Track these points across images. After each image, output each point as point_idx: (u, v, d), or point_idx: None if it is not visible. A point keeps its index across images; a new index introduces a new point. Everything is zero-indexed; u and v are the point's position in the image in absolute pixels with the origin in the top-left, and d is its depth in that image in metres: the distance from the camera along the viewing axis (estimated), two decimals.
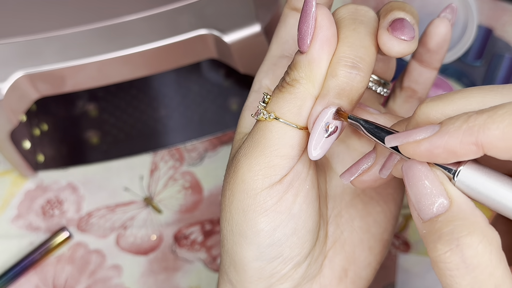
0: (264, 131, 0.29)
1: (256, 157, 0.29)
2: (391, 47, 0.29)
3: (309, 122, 0.29)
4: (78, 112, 0.56)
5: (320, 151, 0.28)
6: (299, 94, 0.29)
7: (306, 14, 0.28)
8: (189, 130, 0.55)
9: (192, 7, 0.43)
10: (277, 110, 0.29)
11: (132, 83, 0.56)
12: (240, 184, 0.30)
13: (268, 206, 0.30)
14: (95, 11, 0.43)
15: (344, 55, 0.28)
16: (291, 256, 0.31)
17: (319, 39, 0.28)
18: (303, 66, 0.29)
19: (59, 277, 0.51)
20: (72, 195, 0.54)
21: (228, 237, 0.31)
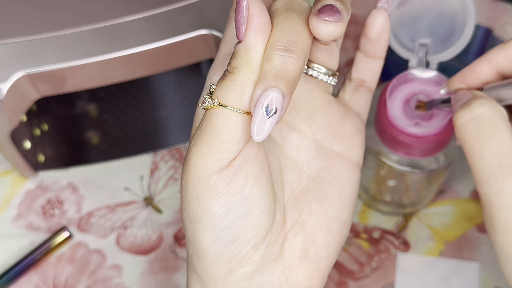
0: (210, 118, 0.31)
1: (205, 144, 0.31)
2: (319, 30, 0.31)
3: (251, 106, 0.30)
4: (79, 112, 0.56)
5: (263, 133, 0.30)
6: (239, 80, 0.30)
7: (239, 5, 0.30)
8: (189, 130, 0.55)
9: (192, 8, 0.43)
10: (220, 97, 0.31)
11: (133, 83, 0.56)
12: (192, 171, 0.31)
13: (219, 189, 0.31)
14: (96, 12, 0.43)
15: (277, 39, 0.30)
16: (247, 237, 0.32)
17: (253, 27, 0.30)
18: (241, 54, 0.30)
19: (60, 276, 0.51)
20: (73, 195, 0.54)
21: (187, 226, 0.33)
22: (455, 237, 0.51)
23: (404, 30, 0.43)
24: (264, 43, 0.30)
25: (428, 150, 0.43)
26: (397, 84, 0.42)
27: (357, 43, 0.59)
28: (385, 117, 0.42)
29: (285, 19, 0.31)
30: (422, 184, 0.47)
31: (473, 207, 0.52)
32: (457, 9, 0.42)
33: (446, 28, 0.43)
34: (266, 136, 0.30)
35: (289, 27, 0.31)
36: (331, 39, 0.31)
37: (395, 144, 0.42)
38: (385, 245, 0.51)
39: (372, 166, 0.47)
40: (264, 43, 0.30)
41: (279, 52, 0.30)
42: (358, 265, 0.51)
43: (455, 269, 0.50)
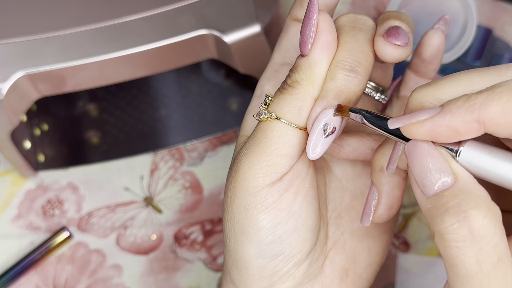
0: (265, 131, 0.30)
1: (257, 156, 0.30)
2: (386, 53, 0.30)
3: (308, 122, 0.30)
4: (79, 112, 0.56)
5: (318, 151, 0.30)
6: (299, 95, 0.30)
7: (309, 19, 0.29)
8: (189, 130, 0.55)
9: (192, 8, 0.43)
10: (278, 111, 0.30)
11: (133, 83, 0.56)
12: (241, 182, 0.31)
13: (269, 204, 0.31)
14: (96, 11, 0.43)
15: (343, 59, 0.30)
16: (292, 254, 0.32)
17: (320, 43, 0.30)
18: (304, 68, 0.30)
19: (60, 276, 0.51)
20: (73, 195, 0.54)
21: (230, 236, 0.32)
22: None
23: None
24: (329, 60, 0.30)
25: None
26: None
27: None
28: None
29: (351, 37, 0.30)
30: None
31: None
32: (458, 11, 0.42)
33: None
34: (321, 155, 0.30)
35: (355, 47, 0.30)
36: (396, 62, 0.31)
37: None
38: None
39: None
40: (329, 60, 0.30)
41: (344, 72, 0.30)
42: None
43: None
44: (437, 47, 0.35)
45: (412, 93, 0.27)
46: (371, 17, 0.58)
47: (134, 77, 0.46)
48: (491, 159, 0.27)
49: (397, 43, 0.30)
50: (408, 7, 0.42)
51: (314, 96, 0.30)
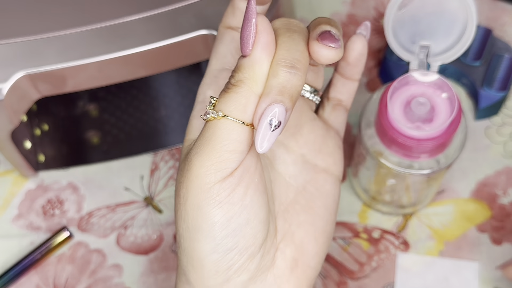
0: (214, 129, 0.32)
1: (208, 153, 0.32)
2: (321, 55, 0.32)
3: (255, 118, 0.31)
4: (79, 112, 0.56)
5: (266, 144, 0.31)
6: (244, 92, 0.31)
7: (248, 21, 0.31)
8: None
9: (192, 8, 0.43)
10: (224, 109, 0.32)
11: (133, 83, 0.56)
12: (194, 181, 0.32)
13: (221, 198, 0.32)
14: (96, 12, 0.43)
15: (283, 57, 0.32)
16: (245, 246, 0.33)
17: (261, 43, 0.31)
18: (247, 67, 0.32)
19: (60, 276, 0.51)
20: (73, 195, 0.54)
21: (184, 235, 0.33)
22: (455, 237, 0.51)
23: (405, 32, 0.43)
24: (270, 58, 0.32)
25: (428, 152, 0.43)
26: (398, 86, 0.42)
27: None
28: (386, 120, 0.42)
29: (288, 37, 0.32)
30: (422, 185, 0.47)
31: (473, 207, 0.52)
32: (458, 11, 0.42)
33: (447, 30, 0.43)
34: (269, 148, 0.31)
35: (293, 46, 0.32)
36: (330, 63, 0.33)
37: (395, 146, 0.43)
38: (385, 245, 0.51)
39: (372, 167, 0.47)
40: (270, 59, 0.32)
41: (285, 68, 0.31)
42: (358, 265, 0.51)
43: (455, 269, 0.50)
44: (360, 51, 0.38)
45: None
46: (371, 17, 0.58)
47: (134, 77, 0.46)
48: None
49: (331, 45, 0.32)
50: (408, 7, 0.42)
51: (258, 93, 0.32)
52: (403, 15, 0.43)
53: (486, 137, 0.54)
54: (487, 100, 0.53)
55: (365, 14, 0.58)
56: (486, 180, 0.53)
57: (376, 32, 0.57)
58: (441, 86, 0.42)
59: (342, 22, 0.58)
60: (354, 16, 0.58)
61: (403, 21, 0.43)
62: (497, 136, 0.54)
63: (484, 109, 0.53)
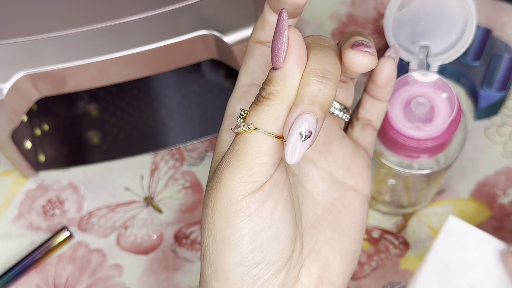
0: (245, 142, 0.32)
1: (238, 166, 0.32)
2: (356, 61, 0.32)
3: (285, 128, 0.31)
4: (79, 112, 0.56)
5: (297, 155, 0.31)
6: (275, 105, 0.31)
7: (280, 33, 0.31)
8: (189, 130, 0.55)
9: (192, 8, 0.43)
10: (255, 122, 0.31)
11: (133, 83, 0.56)
12: (223, 192, 0.32)
13: (250, 212, 0.32)
14: (96, 12, 0.43)
15: (314, 67, 0.32)
16: (272, 261, 0.33)
17: (293, 55, 0.31)
18: (278, 80, 0.31)
19: (60, 276, 0.52)
20: (73, 194, 0.54)
21: (210, 247, 0.33)
22: None
23: (404, 32, 0.43)
24: (301, 71, 0.31)
25: (428, 153, 0.43)
26: (398, 86, 0.42)
27: None
28: (386, 120, 0.42)
29: (319, 51, 0.32)
30: (422, 185, 0.47)
31: (472, 207, 0.52)
32: (458, 11, 0.42)
33: (447, 30, 0.43)
34: (299, 159, 0.31)
35: (324, 58, 0.32)
36: (364, 71, 0.33)
37: (395, 146, 0.43)
38: (384, 245, 0.52)
39: (372, 167, 0.47)
40: (301, 72, 0.31)
41: (316, 78, 0.31)
42: (358, 265, 0.51)
43: None
44: (389, 74, 0.37)
45: None
46: (371, 17, 0.58)
47: (135, 77, 0.46)
48: None
49: (366, 50, 0.32)
50: (408, 7, 0.43)
51: (289, 106, 0.31)
52: (403, 15, 0.43)
53: (485, 137, 0.54)
54: (486, 100, 0.53)
55: (365, 14, 0.58)
56: (486, 180, 0.53)
57: (376, 32, 0.57)
58: (441, 86, 0.42)
59: (342, 22, 0.58)
60: (354, 16, 0.58)
61: (403, 21, 0.43)
62: (496, 136, 0.54)
63: (483, 109, 0.53)
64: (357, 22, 0.58)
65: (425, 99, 0.42)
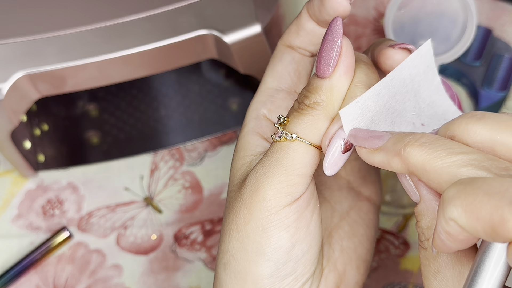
0: (286, 151, 0.31)
1: (278, 176, 0.31)
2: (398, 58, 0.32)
3: (324, 140, 0.31)
4: (79, 112, 0.56)
5: (336, 167, 0.31)
6: (320, 116, 0.31)
7: (332, 42, 0.31)
8: (189, 130, 0.55)
9: (192, 8, 0.43)
10: (299, 131, 0.31)
11: (133, 83, 0.56)
12: (261, 202, 0.31)
13: (290, 222, 0.31)
14: (96, 12, 0.43)
15: (362, 80, 0.31)
16: (303, 273, 0.33)
17: (344, 66, 0.31)
18: (325, 90, 0.31)
19: (60, 276, 0.51)
20: (73, 195, 0.54)
21: (239, 257, 0.32)
22: None
23: (404, 32, 0.43)
24: (349, 83, 0.31)
25: None
26: None
27: (357, 43, 0.59)
28: None
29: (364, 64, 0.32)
30: None
31: None
32: (458, 11, 0.42)
33: (447, 30, 0.43)
34: (337, 171, 0.31)
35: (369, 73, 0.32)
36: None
37: None
38: (385, 245, 0.51)
39: None
40: (349, 83, 0.31)
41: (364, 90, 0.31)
42: None
43: None
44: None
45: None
46: (371, 17, 0.58)
47: (134, 77, 0.46)
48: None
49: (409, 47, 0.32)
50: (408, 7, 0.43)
51: (333, 117, 0.31)
52: (403, 15, 0.43)
53: None
54: (487, 100, 0.53)
55: (365, 14, 0.58)
56: None
57: (376, 32, 0.57)
58: None
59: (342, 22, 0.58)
60: (354, 16, 0.58)
61: (403, 21, 0.43)
62: None
63: (484, 109, 0.53)
64: (357, 22, 0.58)
65: None
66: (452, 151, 0.26)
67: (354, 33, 0.57)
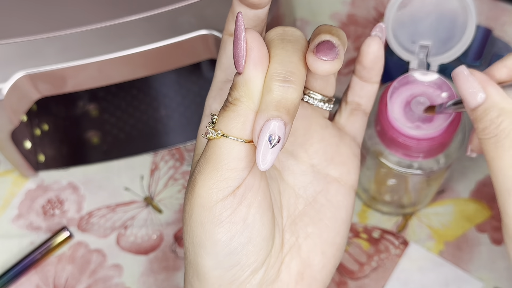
0: (214, 148, 0.32)
1: (209, 173, 0.32)
2: (316, 68, 0.31)
3: (254, 135, 0.31)
4: (79, 112, 0.56)
5: (268, 161, 0.31)
6: (241, 111, 0.31)
7: (238, 38, 0.31)
8: (189, 130, 0.55)
9: (192, 8, 0.43)
10: (223, 128, 0.31)
11: (133, 83, 0.56)
12: (197, 199, 0.32)
13: (223, 218, 0.32)
14: (96, 12, 0.43)
15: (276, 71, 0.31)
16: (248, 263, 0.33)
17: (252, 59, 0.31)
18: (241, 85, 0.31)
19: (60, 276, 0.51)
20: (73, 195, 0.54)
21: (190, 249, 0.34)
22: (455, 237, 0.51)
23: (404, 32, 0.43)
24: (263, 74, 0.31)
25: (428, 152, 0.43)
26: (398, 86, 0.42)
27: (357, 43, 0.59)
28: (386, 119, 0.42)
29: (281, 49, 0.32)
30: (422, 185, 0.47)
31: (472, 207, 0.52)
32: (457, 11, 0.42)
33: (447, 30, 0.43)
34: (271, 165, 0.31)
35: (286, 58, 0.31)
36: (328, 75, 0.33)
37: (395, 146, 0.43)
38: (385, 245, 0.52)
39: (372, 167, 0.47)
40: (263, 75, 0.31)
41: (279, 83, 0.31)
42: (358, 265, 0.51)
43: (458, 278, 0.50)
44: (375, 53, 0.36)
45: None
46: (371, 17, 0.58)
47: (134, 77, 0.46)
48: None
49: (324, 58, 0.31)
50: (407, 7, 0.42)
51: (255, 110, 0.31)
52: (403, 15, 0.43)
53: None
54: None
55: (365, 14, 0.58)
56: (486, 180, 0.53)
57: None
58: (441, 85, 0.42)
59: (342, 22, 0.58)
60: (354, 16, 0.58)
61: (403, 21, 0.43)
62: None
63: None
64: (357, 22, 0.58)
65: (425, 98, 0.42)
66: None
67: (354, 33, 0.57)
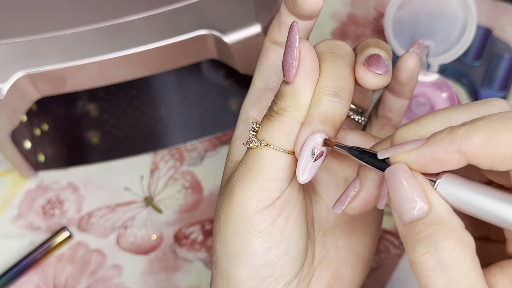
0: (256, 158, 0.31)
1: (250, 182, 0.31)
2: (367, 81, 0.31)
3: (296, 148, 0.31)
4: (79, 112, 0.56)
5: (308, 174, 0.31)
6: (287, 121, 0.31)
7: (291, 47, 0.31)
8: (189, 130, 0.55)
9: (192, 8, 0.43)
10: (267, 138, 0.31)
11: (133, 83, 0.56)
12: (235, 208, 0.32)
13: (262, 228, 0.32)
14: (96, 11, 0.43)
15: (326, 85, 0.31)
16: (282, 275, 0.33)
17: (304, 71, 0.31)
18: (290, 96, 0.31)
19: (60, 276, 0.51)
20: (73, 195, 0.54)
21: (222, 258, 0.33)
22: None
23: (404, 32, 0.43)
24: (313, 86, 0.31)
25: None
26: None
27: (357, 43, 0.59)
28: None
29: (332, 63, 0.31)
30: None
31: None
32: (458, 11, 0.42)
33: (447, 30, 0.43)
34: (311, 178, 0.31)
35: (337, 73, 0.31)
36: (376, 89, 0.32)
37: None
38: (385, 245, 0.51)
39: None
40: (313, 87, 0.31)
41: (328, 97, 0.31)
42: None
43: None
44: (412, 70, 0.36)
45: (396, 130, 0.29)
46: (371, 17, 0.58)
47: (134, 77, 0.46)
48: (467, 191, 0.27)
49: (377, 72, 0.31)
50: (407, 7, 0.43)
51: (301, 121, 0.31)
52: (403, 15, 0.43)
53: None
54: None
55: (365, 14, 0.58)
56: None
57: (376, 32, 0.57)
58: (441, 86, 0.42)
59: (342, 22, 0.58)
60: (354, 16, 0.58)
61: (403, 21, 0.43)
62: None
63: None
64: (357, 22, 0.58)
65: (425, 99, 0.42)
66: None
67: (354, 33, 0.57)
